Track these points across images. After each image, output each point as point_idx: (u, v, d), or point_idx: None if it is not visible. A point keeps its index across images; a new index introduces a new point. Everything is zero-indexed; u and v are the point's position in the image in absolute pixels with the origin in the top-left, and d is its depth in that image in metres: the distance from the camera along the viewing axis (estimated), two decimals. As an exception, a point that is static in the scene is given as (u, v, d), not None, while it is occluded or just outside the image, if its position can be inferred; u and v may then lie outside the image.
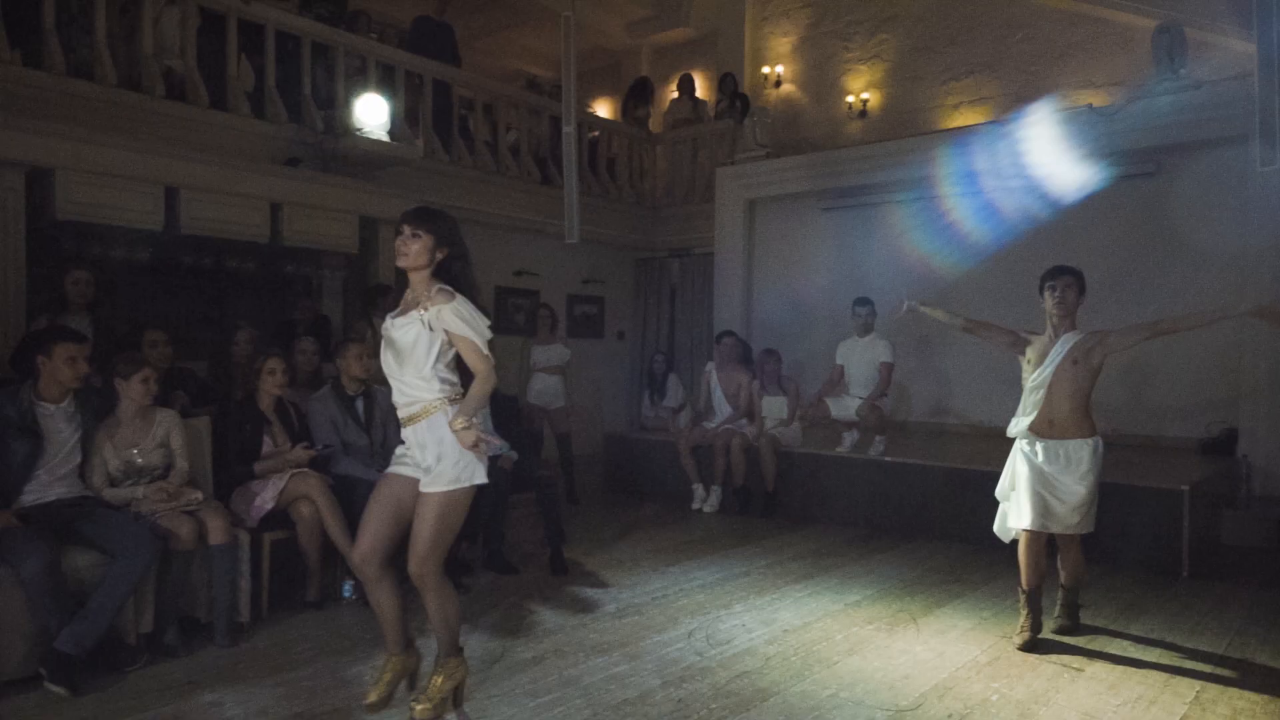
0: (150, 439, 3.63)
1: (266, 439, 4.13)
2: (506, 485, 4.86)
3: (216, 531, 3.52)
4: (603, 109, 12.28)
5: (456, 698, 2.86)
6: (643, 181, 9.99)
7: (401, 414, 2.73)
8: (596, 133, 9.67)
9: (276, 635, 3.70)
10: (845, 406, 6.13)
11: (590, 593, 4.38)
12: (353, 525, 4.02)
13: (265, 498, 3.90)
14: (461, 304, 2.65)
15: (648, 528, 6.00)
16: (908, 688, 3.14)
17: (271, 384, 4.17)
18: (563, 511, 5.14)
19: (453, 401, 2.67)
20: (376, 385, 4.68)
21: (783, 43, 10.42)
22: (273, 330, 6.01)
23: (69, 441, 3.42)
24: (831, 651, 3.51)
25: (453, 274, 2.74)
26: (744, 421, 6.69)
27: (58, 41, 5.57)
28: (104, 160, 5.11)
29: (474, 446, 2.62)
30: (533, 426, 6.73)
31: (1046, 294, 3.72)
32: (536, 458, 5.71)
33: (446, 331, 2.64)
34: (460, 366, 2.74)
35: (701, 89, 10.60)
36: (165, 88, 6.08)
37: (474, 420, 2.63)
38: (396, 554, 2.78)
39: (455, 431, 2.60)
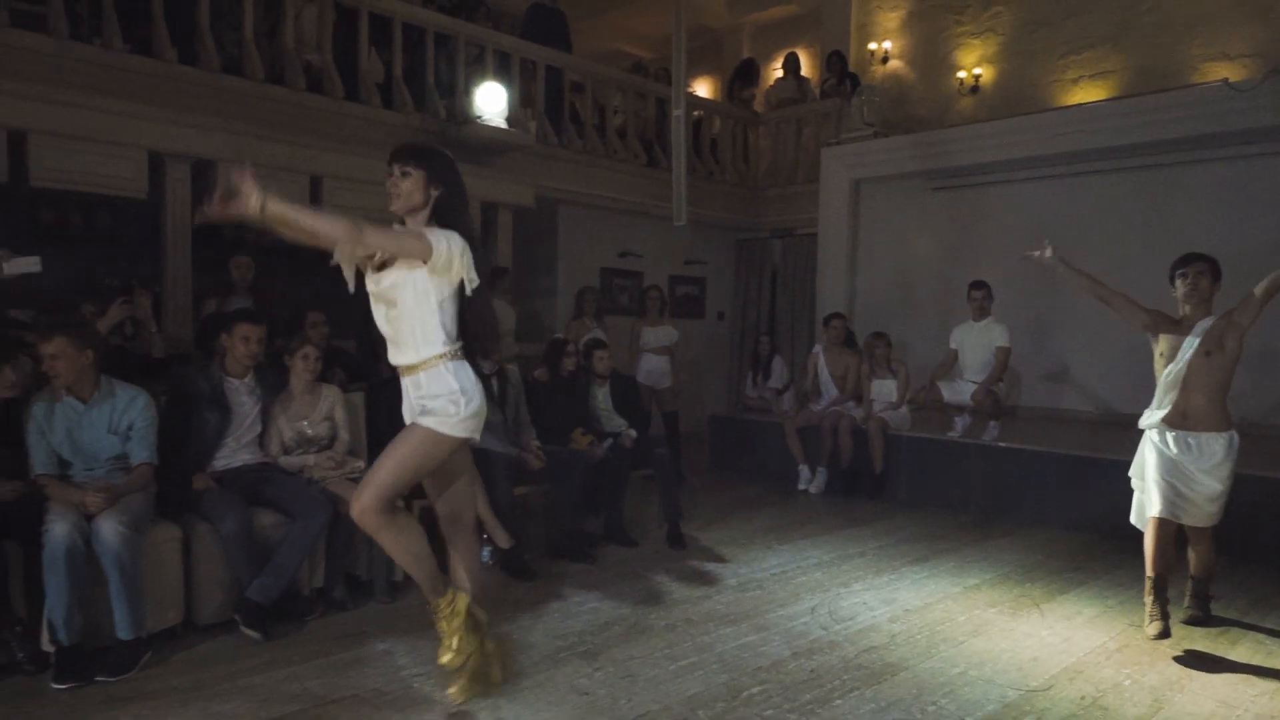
0: (317, 412, 3.98)
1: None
2: (627, 461, 5.09)
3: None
4: (703, 88, 12.32)
5: (477, 627, 2.73)
6: (745, 162, 10.02)
7: (400, 363, 2.57)
8: (699, 113, 9.74)
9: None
10: (958, 391, 6.11)
11: (710, 567, 4.56)
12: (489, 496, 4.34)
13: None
14: (453, 236, 2.45)
15: (756, 506, 6.15)
16: (1037, 669, 3.21)
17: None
18: (679, 488, 5.31)
19: (454, 357, 2.52)
20: (508, 364, 4.98)
21: (890, 17, 10.23)
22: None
23: (251, 413, 3.78)
24: (956, 632, 3.60)
25: (447, 217, 2.53)
26: (851, 404, 6.74)
27: (211, 40, 6.01)
28: (258, 152, 5.50)
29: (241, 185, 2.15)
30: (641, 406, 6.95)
31: (1178, 282, 3.63)
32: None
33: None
34: (462, 322, 2.57)
35: (805, 67, 10.53)
36: (305, 81, 6.48)
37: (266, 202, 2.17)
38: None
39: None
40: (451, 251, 2.44)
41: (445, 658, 2.66)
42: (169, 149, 5.24)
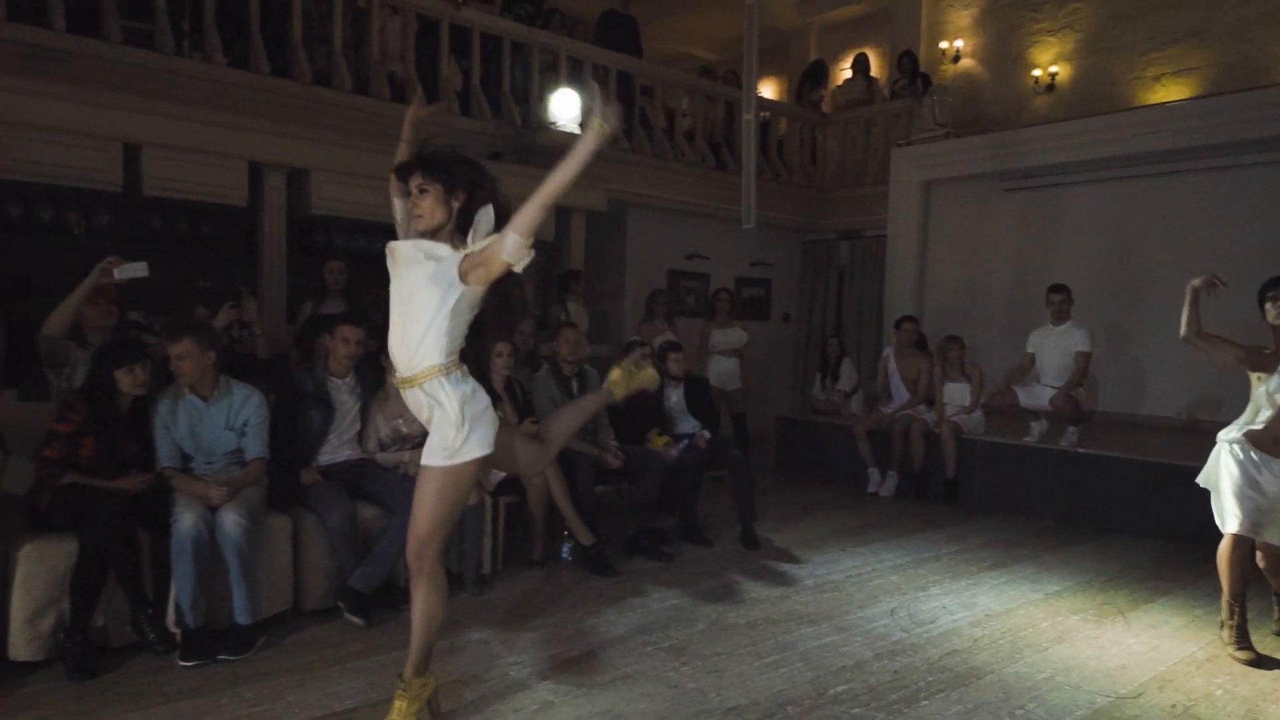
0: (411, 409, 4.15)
1: (498, 414, 4.61)
2: (702, 462, 5.18)
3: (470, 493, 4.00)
4: (769, 89, 12.32)
5: (434, 707, 2.69)
6: (813, 164, 10.01)
7: (399, 374, 2.47)
8: (766, 114, 9.76)
9: (511, 588, 4.16)
10: (1035, 395, 6.04)
11: (785, 567, 4.63)
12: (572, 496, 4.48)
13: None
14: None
15: (826, 508, 6.18)
16: (1124, 677, 3.21)
17: (500, 365, 4.64)
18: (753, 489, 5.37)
19: (448, 371, 2.40)
20: (587, 366, 5.11)
21: (962, 16, 10.09)
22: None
23: (352, 411, 3.98)
24: (1039, 638, 3.60)
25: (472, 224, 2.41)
26: (923, 407, 6.71)
27: (304, 53, 6.29)
28: (348, 161, 5.77)
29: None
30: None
31: (1268, 305, 3.48)
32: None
33: (488, 257, 2.32)
34: (473, 330, 2.46)
35: (874, 67, 10.46)
36: (389, 91, 6.72)
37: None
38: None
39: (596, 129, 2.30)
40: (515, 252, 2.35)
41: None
42: (267, 159, 5.52)
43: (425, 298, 2.37)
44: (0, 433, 3.30)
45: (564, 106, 7.19)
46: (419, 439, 4.16)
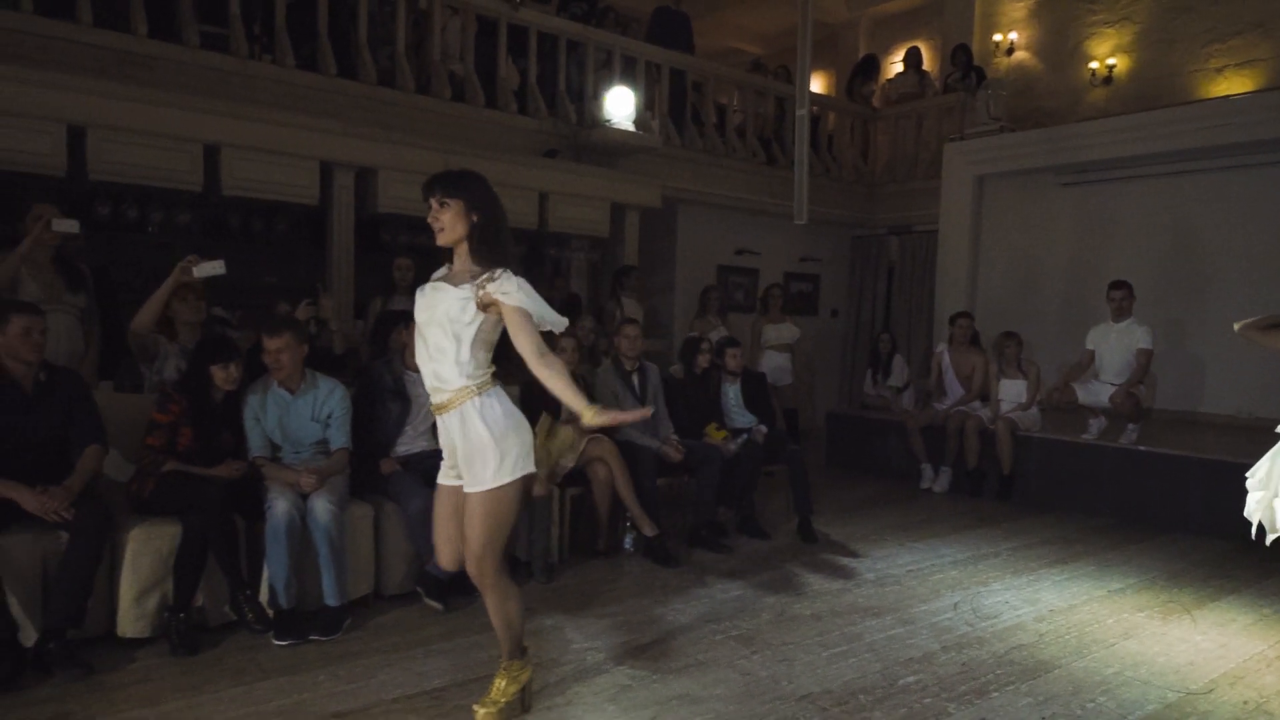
0: (482, 404, 4.29)
1: (562, 408, 4.73)
2: (760, 456, 5.25)
3: (538, 485, 4.13)
4: (817, 84, 12.27)
5: (524, 700, 2.77)
6: (864, 159, 9.98)
7: (432, 400, 2.55)
8: (815, 108, 9.75)
9: (578, 577, 4.28)
10: (1094, 392, 6.00)
11: (844, 561, 4.69)
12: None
13: (568, 458, 4.49)
14: (515, 278, 2.41)
15: (880, 503, 6.21)
16: (1194, 674, 3.22)
17: (563, 360, 4.75)
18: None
19: (482, 390, 2.46)
20: (647, 361, 5.21)
21: (1017, 8, 9.98)
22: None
23: (427, 403, 4.10)
24: (1105, 634, 3.62)
25: (488, 241, 2.46)
26: (977, 404, 6.70)
27: (369, 54, 6.45)
28: (413, 159, 5.91)
29: (612, 421, 2.42)
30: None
31: None
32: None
33: (499, 304, 2.39)
34: (500, 352, 2.51)
35: (926, 61, 10.39)
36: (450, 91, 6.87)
37: (587, 408, 2.38)
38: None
39: (588, 424, 2.39)
40: (546, 312, 2.46)
41: (483, 713, 2.64)
42: (337, 158, 5.69)
43: (446, 327, 2.44)
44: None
45: (619, 104, 7.28)
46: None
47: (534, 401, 4.61)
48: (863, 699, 2.94)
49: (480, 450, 2.44)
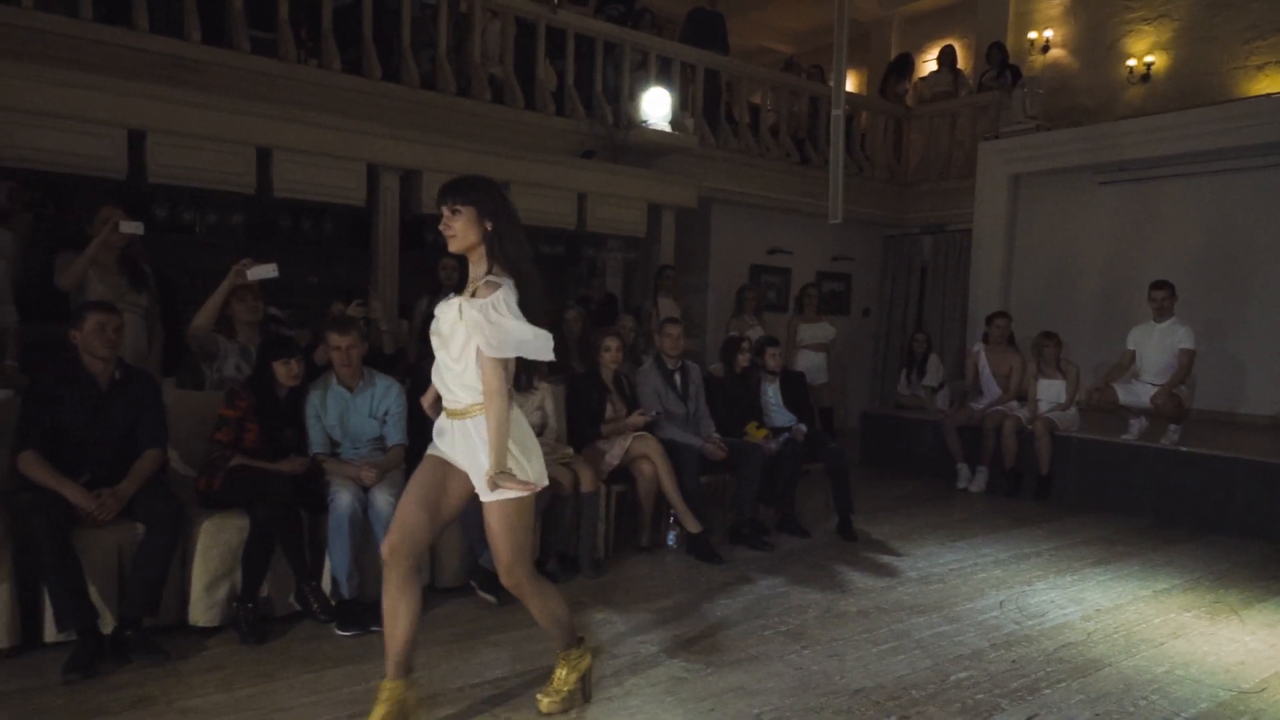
0: (530, 402, 4.38)
1: (608, 405, 4.81)
2: (800, 455, 5.29)
3: (587, 481, 4.22)
4: (849, 82, 12.25)
5: (585, 690, 2.82)
6: (897, 158, 9.97)
7: (445, 408, 2.51)
8: (848, 107, 9.74)
9: (623, 572, 4.35)
10: (1135, 393, 5.99)
11: (886, 559, 4.72)
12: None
13: (614, 455, 4.57)
14: (499, 300, 2.30)
15: (917, 502, 6.24)
16: (1245, 673, 3.24)
17: (609, 359, 4.83)
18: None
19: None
20: (688, 359, 5.27)
21: (1052, 5, 9.92)
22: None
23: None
24: (1153, 633, 3.64)
25: (504, 249, 2.40)
26: (1015, 403, 6.69)
27: (412, 58, 6.56)
28: (455, 161, 6.01)
29: (521, 485, 2.35)
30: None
31: None
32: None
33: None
34: (518, 366, 2.45)
35: (959, 59, 10.35)
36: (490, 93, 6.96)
37: (507, 467, 2.34)
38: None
39: (489, 483, 2.34)
40: (502, 342, 2.32)
41: (546, 702, 2.71)
42: (383, 161, 5.81)
43: (459, 340, 2.39)
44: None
45: (656, 105, 7.34)
46: (536, 430, 4.37)
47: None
48: (915, 694, 2.99)
49: (487, 459, 2.37)
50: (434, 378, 2.52)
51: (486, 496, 2.42)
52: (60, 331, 4.47)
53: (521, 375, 2.50)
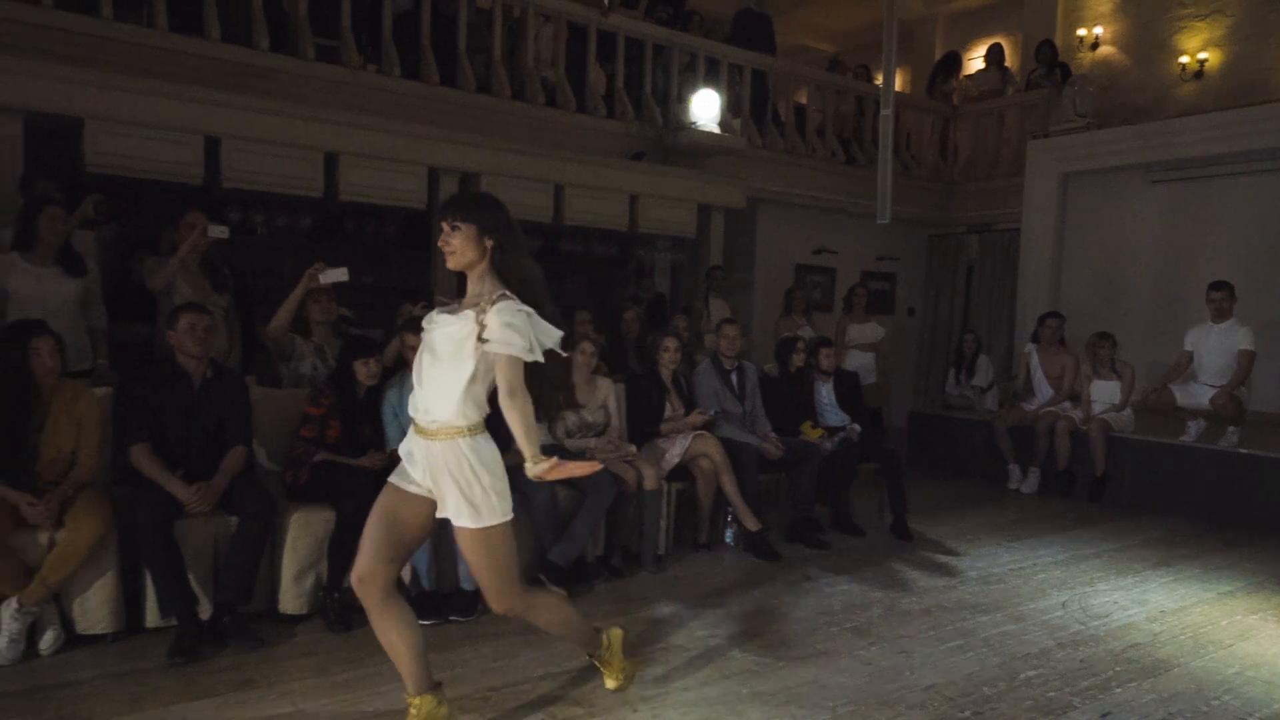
0: (594, 400, 4.49)
1: (666, 404, 4.90)
2: (855, 454, 5.34)
3: (650, 479, 4.31)
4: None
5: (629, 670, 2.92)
6: (943, 156, 9.93)
7: (415, 421, 2.42)
8: (896, 107, 9.71)
9: (683, 568, 4.44)
10: (1194, 394, 5.94)
11: (944, 559, 4.76)
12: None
13: (674, 453, 4.65)
14: (517, 310, 2.28)
15: (969, 503, 6.25)
16: (1318, 676, 3.24)
17: (667, 359, 4.92)
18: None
19: (472, 433, 2.36)
20: (745, 360, 5.34)
21: (1102, 1, 9.82)
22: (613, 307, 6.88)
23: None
24: (1221, 635, 3.65)
25: (507, 265, 2.38)
26: (1067, 404, 6.67)
27: (468, 62, 6.69)
28: (511, 164, 6.15)
29: (557, 474, 2.36)
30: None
31: None
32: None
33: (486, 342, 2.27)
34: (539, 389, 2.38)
35: (1007, 57, 10.27)
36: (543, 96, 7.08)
37: (540, 458, 2.34)
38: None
39: (529, 474, 2.35)
40: (532, 348, 2.29)
41: (612, 682, 2.88)
42: (443, 164, 5.94)
43: (447, 360, 2.36)
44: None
45: (705, 107, 7.41)
46: (600, 427, 4.50)
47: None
48: (986, 691, 3.04)
49: (470, 486, 2.36)
50: (410, 400, 2.45)
51: (464, 522, 2.38)
52: (139, 331, 4.70)
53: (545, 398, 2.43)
